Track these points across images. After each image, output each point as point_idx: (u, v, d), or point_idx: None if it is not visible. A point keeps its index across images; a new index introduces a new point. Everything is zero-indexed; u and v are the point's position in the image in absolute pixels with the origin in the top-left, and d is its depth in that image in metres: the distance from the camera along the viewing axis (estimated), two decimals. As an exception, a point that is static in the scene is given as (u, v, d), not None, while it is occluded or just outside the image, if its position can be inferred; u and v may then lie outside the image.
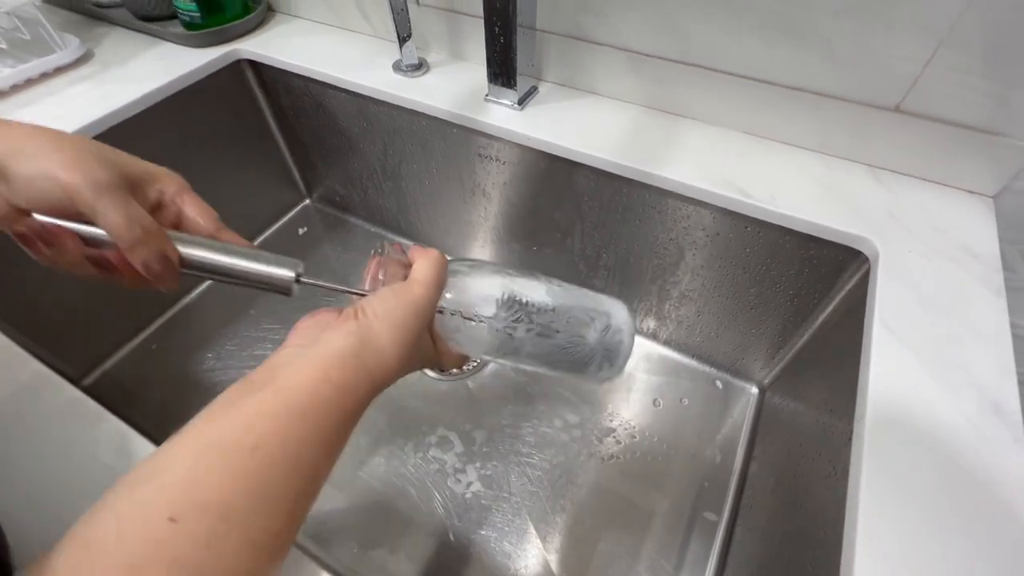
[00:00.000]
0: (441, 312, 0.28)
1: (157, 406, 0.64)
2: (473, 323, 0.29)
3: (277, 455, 0.20)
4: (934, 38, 0.39)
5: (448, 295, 0.29)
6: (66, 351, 0.62)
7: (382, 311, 0.25)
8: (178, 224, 0.29)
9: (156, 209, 0.28)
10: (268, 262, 0.28)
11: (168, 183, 0.29)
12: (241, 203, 0.78)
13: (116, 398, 0.35)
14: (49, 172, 0.23)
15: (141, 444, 0.32)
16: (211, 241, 0.28)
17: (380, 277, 0.29)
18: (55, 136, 0.25)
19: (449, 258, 0.30)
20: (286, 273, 0.28)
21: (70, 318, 0.62)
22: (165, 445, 0.20)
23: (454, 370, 0.31)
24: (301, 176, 0.84)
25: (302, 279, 0.29)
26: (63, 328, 0.61)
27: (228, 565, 0.18)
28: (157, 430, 0.33)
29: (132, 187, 0.26)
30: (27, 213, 0.25)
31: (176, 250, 0.26)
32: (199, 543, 0.17)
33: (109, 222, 0.24)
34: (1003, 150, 0.42)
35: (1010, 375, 0.34)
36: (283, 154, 0.80)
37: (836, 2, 0.40)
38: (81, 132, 0.53)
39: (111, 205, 0.24)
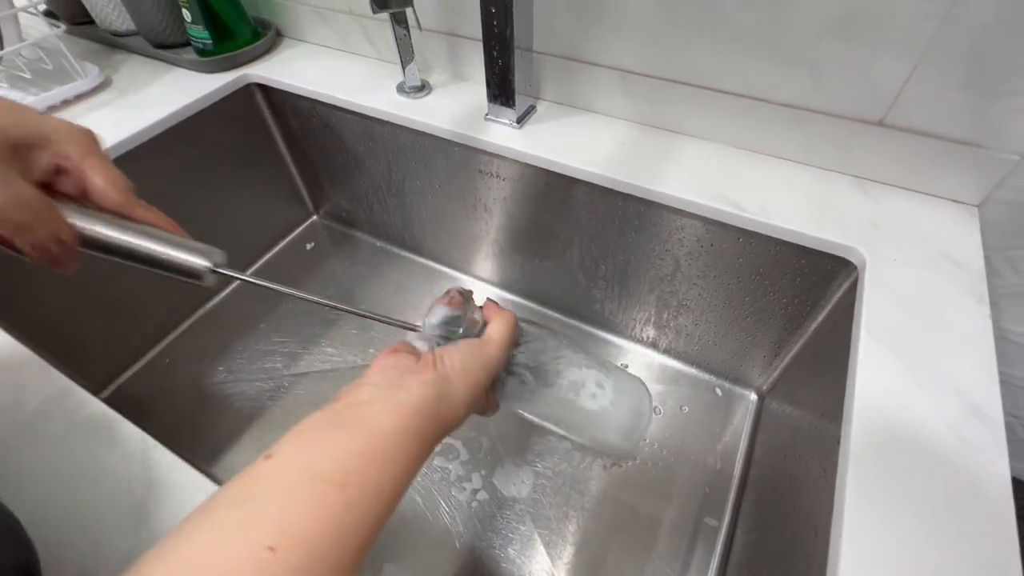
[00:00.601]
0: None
1: (171, 418, 0.66)
2: (519, 383, 0.32)
3: (361, 493, 0.21)
4: (912, 56, 0.41)
5: None
6: (83, 366, 0.64)
7: (460, 366, 0.27)
8: (83, 193, 0.26)
9: (57, 174, 0.26)
10: (181, 248, 0.26)
11: (69, 146, 0.25)
12: (251, 220, 0.80)
13: (131, 411, 0.36)
14: None
15: (163, 453, 0.34)
16: (116, 219, 0.25)
17: (479, 320, 0.30)
18: None
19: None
20: (199, 262, 0.26)
21: (86, 334, 0.64)
22: (256, 469, 0.21)
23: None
24: (308, 193, 0.87)
25: (220, 270, 0.27)
26: (80, 344, 0.64)
27: None
28: (171, 442, 0.35)
29: (23, 152, 0.24)
30: None
31: (72, 231, 0.24)
32: (291, 572, 0.18)
33: None
34: (984, 161, 0.43)
35: (992, 380, 0.35)
36: (291, 172, 0.82)
37: (818, 24, 0.42)
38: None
39: None
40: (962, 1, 0.37)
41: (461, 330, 0.29)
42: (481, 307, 0.32)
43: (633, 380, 0.36)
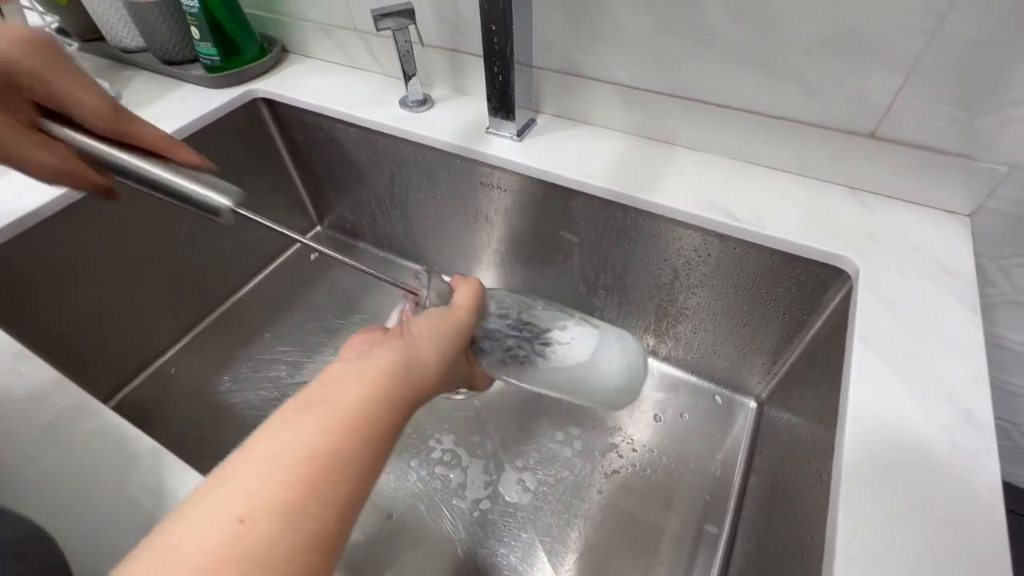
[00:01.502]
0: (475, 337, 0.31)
1: (176, 427, 0.67)
2: (494, 344, 0.32)
3: (330, 463, 0.22)
4: (902, 70, 0.42)
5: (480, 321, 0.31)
6: (91, 375, 0.65)
7: (427, 331, 0.27)
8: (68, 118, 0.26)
9: (39, 106, 0.26)
10: (199, 182, 0.28)
11: (29, 78, 0.24)
12: (256, 231, 0.81)
13: (137, 420, 0.37)
14: None
15: (173, 462, 0.35)
16: (122, 150, 0.27)
17: (425, 291, 0.30)
18: None
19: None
20: (220, 200, 0.28)
21: (94, 344, 0.65)
22: (230, 457, 0.22)
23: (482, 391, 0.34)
24: (312, 205, 0.88)
25: (240, 210, 0.29)
26: (88, 353, 0.65)
27: (289, 563, 0.19)
28: (176, 450, 0.36)
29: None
30: None
31: (103, 180, 0.27)
32: (265, 543, 0.19)
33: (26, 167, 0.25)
34: (974, 172, 0.44)
35: (983, 386, 0.36)
36: (295, 184, 0.84)
37: (808, 39, 0.43)
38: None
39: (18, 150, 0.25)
40: (950, 17, 0.38)
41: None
42: (448, 281, 0.32)
43: (616, 329, 0.35)
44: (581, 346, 0.33)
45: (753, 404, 0.65)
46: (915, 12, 0.39)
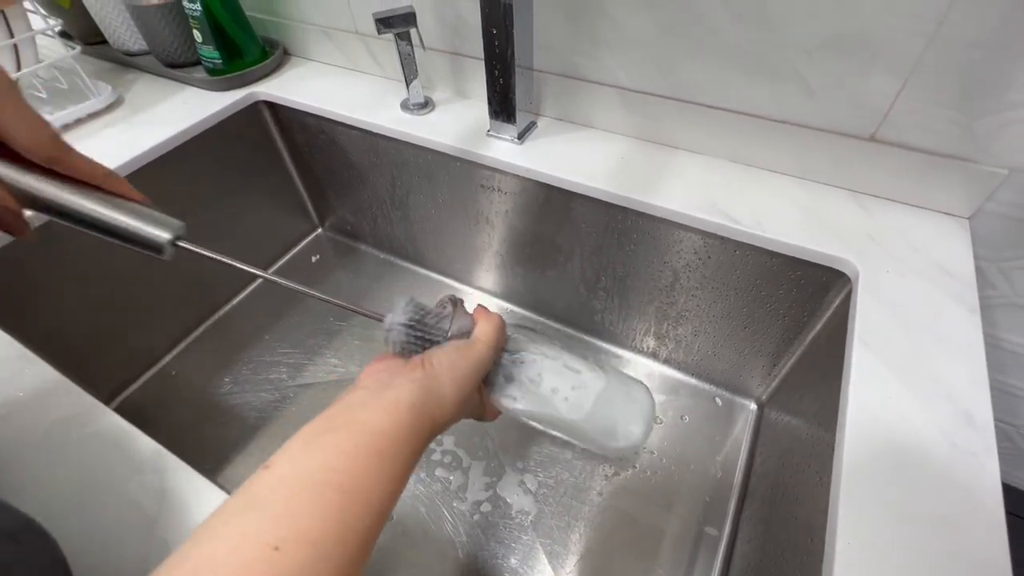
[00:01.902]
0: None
1: (177, 429, 0.67)
2: (511, 385, 0.33)
3: (357, 491, 0.22)
4: (901, 73, 0.42)
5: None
6: (92, 377, 0.66)
7: (448, 365, 0.28)
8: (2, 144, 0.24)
9: None
10: (139, 217, 0.26)
11: None
12: (258, 232, 0.82)
13: (138, 421, 0.37)
14: None
15: (175, 463, 0.35)
16: (66, 181, 0.25)
17: (448, 313, 0.31)
18: None
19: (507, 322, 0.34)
20: (160, 234, 0.26)
21: (95, 345, 0.65)
22: (258, 479, 0.22)
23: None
24: (314, 207, 0.88)
25: (181, 243, 0.27)
26: (89, 355, 0.65)
27: None
28: (177, 452, 0.36)
29: None
30: None
31: (12, 200, 0.24)
32: (296, 570, 0.19)
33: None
34: (974, 174, 0.45)
35: (983, 387, 0.36)
36: (297, 187, 0.84)
37: (807, 41, 0.44)
38: (113, 173, 0.57)
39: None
40: (949, 19, 0.39)
41: (440, 327, 0.30)
42: (471, 313, 0.33)
43: (632, 381, 0.36)
44: (584, 398, 0.33)
45: (753, 406, 0.65)
46: (914, 15, 0.39)
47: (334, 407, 0.26)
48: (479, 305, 0.33)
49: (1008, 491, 0.31)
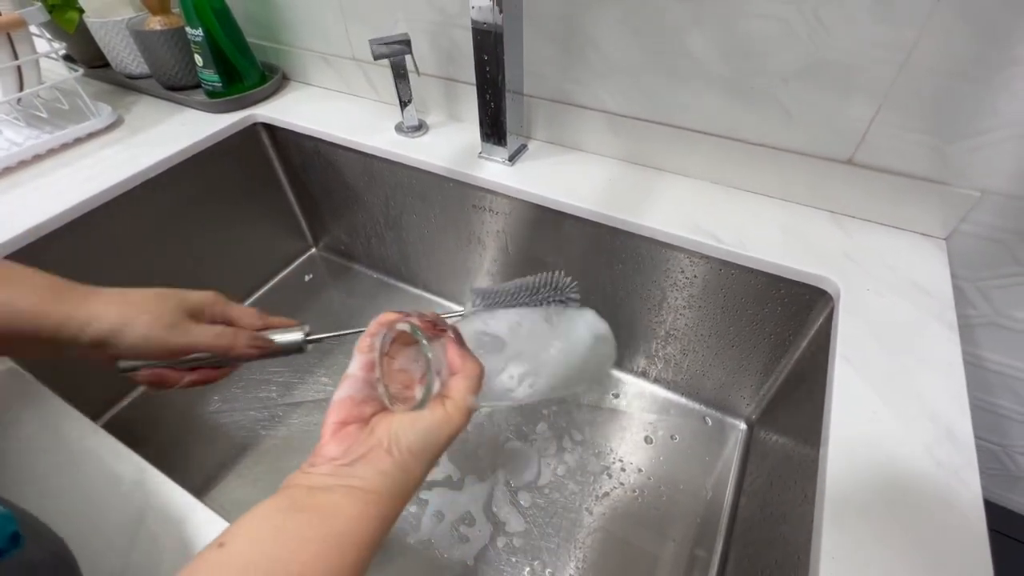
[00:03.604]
0: None
1: (165, 446, 0.66)
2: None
3: None
4: (875, 100, 0.44)
5: None
6: (80, 394, 0.65)
7: (419, 448, 0.25)
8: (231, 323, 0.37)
9: (213, 321, 0.36)
10: (287, 332, 0.38)
11: (214, 303, 0.36)
12: (253, 251, 0.82)
13: (126, 438, 0.38)
14: (154, 336, 0.32)
15: (161, 479, 0.35)
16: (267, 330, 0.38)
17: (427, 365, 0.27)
18: (143, 300, 0.33)
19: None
20: (297, 338, 0.38)
21: (84, 363, 0.65)
22: (212, 558, 0.21)
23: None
24: (309, 227, 0.89)
25: (311, 337, 0.39)
26: (76, 372, 0.64)
27: None
28: (164, 470, 0.36)
29: (195, 315, 0.35)
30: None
31: (258, 336, 0.36)
32: None
33: (204, 344, 0.34)
34: (948, 196, 0.46)
35: (962, 403, 0.37)
36: (292, 207, 0.85)
37: (784, 69, 0.45)
38: (110, 191, 0.58)
39: (200, 335, 0.34)
40: (919, 48, 0.40)
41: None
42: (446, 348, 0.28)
43: (577, 312, 0.37)
44: (539, 381, 0.32)
45: (743, 425, 0.65)
46: (886, 44, 0.41)
47: (295, 487, 0.24)
48: (452, 341, 0.28)
49: (991, 508, 0.31)
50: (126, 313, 0.32)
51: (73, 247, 0.57)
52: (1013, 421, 0.58)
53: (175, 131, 0.68)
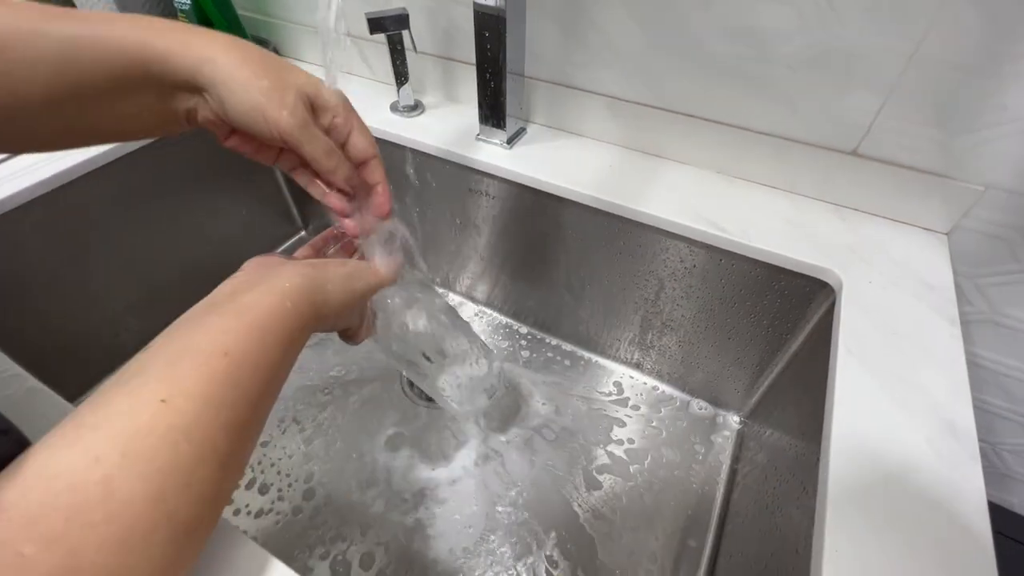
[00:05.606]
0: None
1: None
2: (389, 323, 0.36)
3: (243, 360, 0.23)
4: (882, 91, 0.43)
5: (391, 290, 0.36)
6: (55, 375, 0.62)
7: (344, 274, 0.30)
8: (342, 144, 0.32)
9: (328, 131, 0.31)
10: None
11: (338, 110, 0.31)
12: (241, 234, 0.80)
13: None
14: (259, 108, 0.27)
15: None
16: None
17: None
18: (248, 56, 0.28)
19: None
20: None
21: (60, 343, 0.62)
22: (139, 356, 0.22)
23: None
24: (298, 209, 0.87)
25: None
26: (52, 352, 0.62)
27: (212, 439, 0.21)
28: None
29: (315, 112, 0.30)
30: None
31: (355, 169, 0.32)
32: (188, 419, 0.20)
33: (311, 154, 0.29)
34: (951, 191, 0.46)
35: (965, 397, 0.36)
36: (281, 188, 0.83)
37: (790, 57, 0.45)
38: (84, 164, 0.55)
39: (312, 141, 0.29)
40: (928, 40, 0.40)
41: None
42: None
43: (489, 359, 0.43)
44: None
45: (736, 418, 0.65)
46: (893, 36, 0.40)
47: (217, 292, 0.26)
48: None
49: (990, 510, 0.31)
50: (221, 56, 0.27)
51: (51, 223, 0.55)
52: (1003, 419, 0.58)
53: (159, 104, 0.65)
